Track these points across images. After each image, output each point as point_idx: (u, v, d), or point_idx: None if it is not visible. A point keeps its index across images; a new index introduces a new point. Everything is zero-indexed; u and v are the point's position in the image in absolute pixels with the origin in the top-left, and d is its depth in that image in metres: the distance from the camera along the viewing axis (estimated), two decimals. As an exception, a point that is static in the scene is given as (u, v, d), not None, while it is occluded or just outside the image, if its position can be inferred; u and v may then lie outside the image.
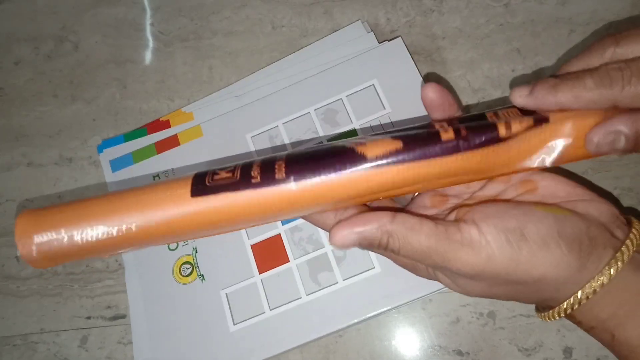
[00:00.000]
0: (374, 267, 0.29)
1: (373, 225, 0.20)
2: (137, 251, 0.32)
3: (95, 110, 0.37)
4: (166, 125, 0.35)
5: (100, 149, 0.36)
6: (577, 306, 0.20)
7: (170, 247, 0.32)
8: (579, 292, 0.20)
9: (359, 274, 0.29)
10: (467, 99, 0.33)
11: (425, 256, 0.20)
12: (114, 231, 0.20)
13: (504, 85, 0.33)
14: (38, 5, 0.41)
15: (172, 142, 0.34)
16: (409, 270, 0.23)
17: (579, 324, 0.21)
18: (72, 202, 0.21)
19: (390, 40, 0.33)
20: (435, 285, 0.28)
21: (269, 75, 0.35)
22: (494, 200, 0.22)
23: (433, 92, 0.22)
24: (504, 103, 0.33)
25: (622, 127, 0.18)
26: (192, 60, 0.37)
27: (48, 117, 0.38)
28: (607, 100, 0.18)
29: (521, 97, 0.19)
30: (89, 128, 0.37)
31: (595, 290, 0.19)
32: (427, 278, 0.23)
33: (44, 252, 0.20)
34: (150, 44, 0.38)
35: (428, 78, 0.34)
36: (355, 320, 0.29)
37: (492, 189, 0.23)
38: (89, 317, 0.33)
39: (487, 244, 0.19)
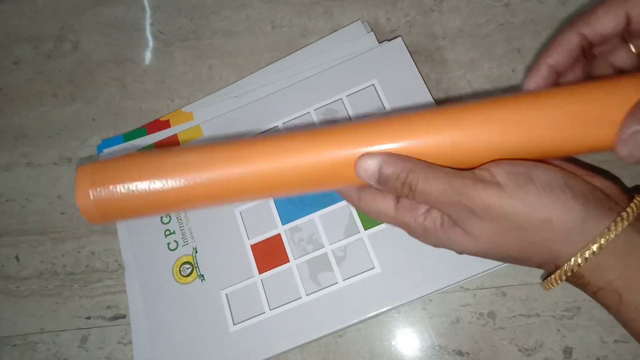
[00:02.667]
0: (374, 267, 0.29)
1: (397, 159, 0.21)
2: (137, 251, 0.32)
3: (94, 110, 0.37)
4: (166, 125, 0.35)
5: (99, 149, 0.35)
6: (583, 262, 0.20)
7: (170, 247, 0.32)
8: (586, 246, 0.20)
9: (359, 274, 0.29)
10: (467, 99, 0.33)
11: (442, 193, 0.20)
12: (177, 186, 0.21)
13: (504, 85, 0.33)
14: (38, 5, 0.40)
15: (172, 142, 0.34)
16: (420, 238, 0.24)
17: (586, 285, 0.21)
18: (130, 156, 0.22)
19: (391, 40, 0.33)
20: (435, 285, 0.28)
21: (268, 75, 0.35)
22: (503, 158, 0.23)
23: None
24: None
25: (636, 126, 0.19)
26: (192, 60, 0.37)
27: (48, 117, 0.38)
28: None
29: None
30: (88, 128, 0.37)
31: (601, 245, 0.20)
32: (435, 243, 0.23)
33: (103, 207, 0.21)
34: (150, 43, 0.38)
35: (428, 77, 0.34)
36: (355, 320, 0.29)
37: None
38: (88, 317, 0.33)
39: (497, 183, 0.20)
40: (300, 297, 0.29)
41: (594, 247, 0.20)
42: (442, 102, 0.33)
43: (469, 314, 0.30)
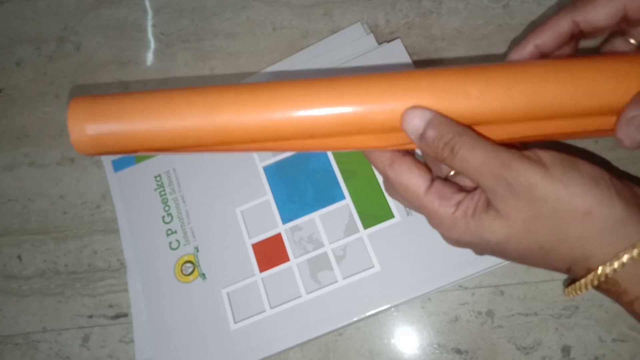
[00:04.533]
0: (374, 266, 0.29)
1: (447, 119, 0.20)
2: (139, 250, 0.32)
3: (96, 111, 0.38)
4: (167, 125, 0.35)
5: (102, 149, 0.36)
6: (620, 267, 0.18)
7: (172, 246, 0.32)
8: (625, 250, 0.18)
9: (358, 273, 0.29)
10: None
11: (484, 162, 0.19)
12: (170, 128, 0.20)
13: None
14: (40, 6, 0.41)
15: (173, 142, 0.34)
16: (445, 230, 0.22)
17: (622, 294, 0.20)
18: (129, 93, 0.22)
19: (390, 41, 0.34)
20: (435, 284, 0.28)
21: (269, 77, 0.35)
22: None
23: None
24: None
25: (637, 110, 0.19)
26: (193, 61, 0.38)
27: (50, 118, 0.38)
28: None
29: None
30: (90, 128, 0.37)
31: None
32: (461, 238, 0.22)
33: (95, 141, 0.21)
34: (152, 45, 0.39)
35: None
36: (355, 319, 0.29)
37: None
38: (90, 316, 0.33)
39: (543, 163, 0.19)
40: (301, 296, 0.30)
41: (634, 253, 0.18)
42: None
43: (468, 313, 0.30)
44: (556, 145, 0.27)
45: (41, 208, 0.36)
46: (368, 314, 0.29)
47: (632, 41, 0.24)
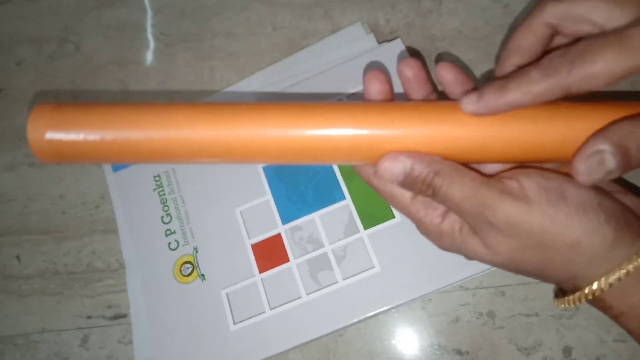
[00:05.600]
0: (374, 267, 0.29)
1: (424, 161, 0.20)
2: (138, 251, 0.32)
3: (96, 111, 0.38)
4: (167, 125, 0.35)
5: (101, 149, 0.36)
6: (607, 287, 0.19)
7: (171, 246, 0.32)
8: (612, 271, 0.19)
9: (359, 274, 0.29)
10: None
11: (464, 200, 0.19)
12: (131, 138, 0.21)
13: (503, 86, 0.33)
14: (40, 7, 0.41)
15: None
16: (432, 239, 0.22)
17: (608, 309, 0.20)
18: (91, 103, 0.22)
19: (390, 41, 0.34)
20: (435, 285, 0.28)
21: (269, 76, 0.35)
22: (536, 167, 0.21)
23: (447, 72, 0.22)
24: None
25: (601, 144, 0.18)
26: (194, 62, 0.38)
27: (50, 118, 0.38)
28: (558, 88, 0.18)
29: (471, 105, 0.19)
30: (90, 128, 0.37)
31: (628, 272, 0.19)
32: (449, 249, 0.22)
33: (55, 149, 0.21)
34: (152, 45, 0.39)
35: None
36: (355, 320, 0.29)
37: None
38: (90, 317, 0.33)
39: (526, 197, 0.19)
40: (301, 297, 0.29)
41: (621, 274, 0.19)
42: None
43: (468, 314, 0.30)
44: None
45: (41, 208, 0.36)
46: (368, 314, 0.29)
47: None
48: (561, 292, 0.22)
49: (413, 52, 0.35)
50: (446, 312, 0.30)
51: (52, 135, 0.21)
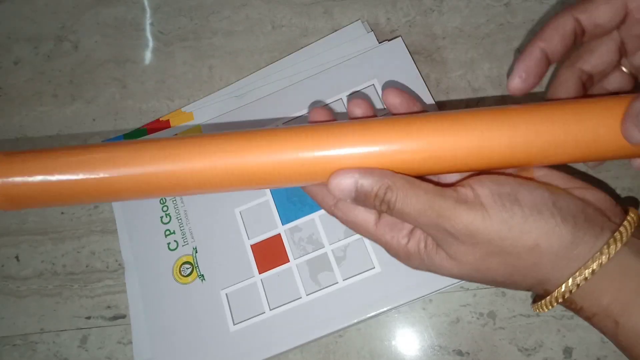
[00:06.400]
0: (374, 267, 0.29)
1: (374, 175, 0.20)
2: (137, 251, 0.32)
3: (95, 110, 0.37)
4: (166, 125, 0.35)
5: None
6: (575, 288, 0.19)
7: (171, 247, 0.32)
8: (578, 271, 0.19)
9: (359, 274, 0.29)
10: (467, 100, 0.33)
11: (421, 213, 0.19)
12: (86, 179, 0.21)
13: (504, 85, 0.33)
14: (38, 5, 0.40)
15: (172, 142, 0.34)
16: (402, 261, 0.23)
17: (579, 311, 0.20)
18: (45, 150, 0.22)
19: (391, 40, 0.33)
20: (435, 285, 0.28)
21: (269, 75, 0.35)
22: (490, 172, 0.21)
23: (394, 97, 0.22)
24: (504, 102, 0.33)
25: None
26: (192, 60, 0.37)
27: (48, 117, 0.38)
28: None
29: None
30: (88, 128, 0.37)
31: (593, 271, 0.19)
32: (420, 267, 0.22)
33: (10, 196, 0.21)
34: (150, 43, 0.38)
35: (429, 77, 0.34)
36: (355, 320, 0.29)
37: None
38: (88, 317, 0.33)
39: (481, 204, 0.19)
40: (300, 297, 0.29)
41: (586, 273, 0.19)
42: (442, 104, 0.33)
43: (469, 314, 0.30)
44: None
45: (39, 208, 0.36)
46: (369, 315, 0.28)
47: (625, 70, 0.24)
48: (538, 297, 0.22)
49: (414, 51, 0.34)
50: (447, 313, 0.30)
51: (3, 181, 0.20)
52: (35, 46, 0.39)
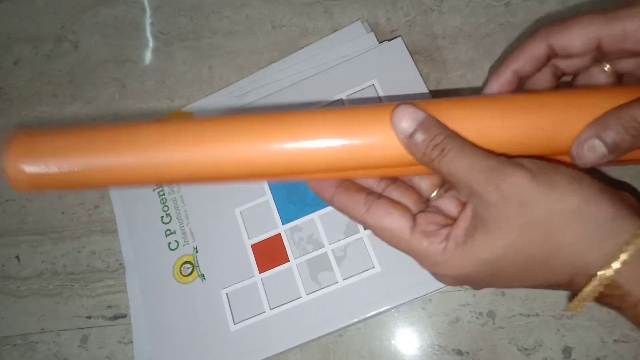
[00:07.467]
0: (374, 267, 0.29)
1: (439, 121, 0.20)
2: (138, 251, 0.32)
3: (94, 110, 0.37)
4: (166, 125, 0.35)
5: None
6: (623, 266, 0.18)
7: (171, 247, 0.32)
8: (622, 248, 0.18)
9: (359, 274, 0.29)
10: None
11: (473, 166, 0.19)
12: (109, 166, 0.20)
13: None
14: (37, 5, 0.40)
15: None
16: (435, 268, 0.21)
17: (624, 296, 0.18)
18: (70, 129, 0.21)
19: (391, 39, 0.33)
20: (435, 285, 0.28)
21: (268, 75, 0.35)
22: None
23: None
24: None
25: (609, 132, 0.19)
26: (192, 60, 0.37)
27: (48, 117, 0.38)
28: None
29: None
30: (88, 128, 0.37)
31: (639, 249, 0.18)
32: (459, 267, 0.20)
33: (33, 180, 0.20)
34: (150, 43, 0.38)
35: (428, 77, 0.34)
36: (355, 320, 0.29)
37: None
38: (89, 317, 0.33)
39: (528, 168, 0.19)
40: (301, 297, 0.29)
41: (631, 248, 0.17)
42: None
43: (469, 314, 0.30)
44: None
45: (39, 208, 0.36)
46: (368, 314, 0.29)
47: (606, 68, 0.23)
48: (574, 296, 0.21)
49: (414, 51, 0.34)
50: (446, 312, 0.30)
51: (28, 167, 0.20)
52: (35, 46, 0.39)
